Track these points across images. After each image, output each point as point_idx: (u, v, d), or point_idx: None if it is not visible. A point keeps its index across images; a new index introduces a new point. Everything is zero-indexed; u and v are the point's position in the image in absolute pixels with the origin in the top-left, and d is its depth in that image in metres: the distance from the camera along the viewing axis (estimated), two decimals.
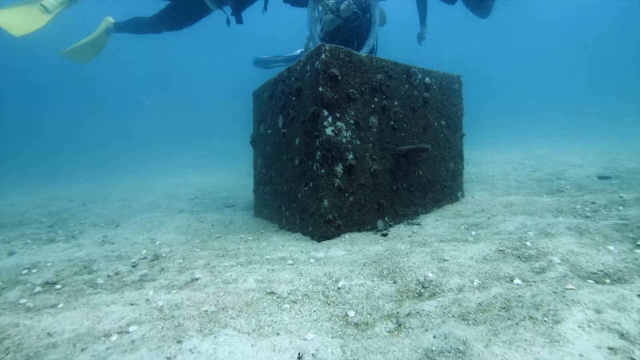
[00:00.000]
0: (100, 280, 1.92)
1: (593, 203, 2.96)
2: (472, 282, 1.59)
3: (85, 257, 2.37)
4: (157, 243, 2.71)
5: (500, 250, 1.95)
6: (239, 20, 4.69)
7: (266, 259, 2.19)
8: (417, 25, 5.97)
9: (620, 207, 2.73)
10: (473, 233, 2.47)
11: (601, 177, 4.22)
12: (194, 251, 2.47)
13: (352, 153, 2.86)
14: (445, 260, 1.84)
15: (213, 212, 4.28)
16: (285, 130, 3.32)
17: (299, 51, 5.19)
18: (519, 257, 1.84)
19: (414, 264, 1.82)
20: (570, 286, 1.41)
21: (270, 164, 3.67)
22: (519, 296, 1.39)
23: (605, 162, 5.65)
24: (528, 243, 1.98)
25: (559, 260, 1.72)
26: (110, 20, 5.06)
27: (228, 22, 4.77)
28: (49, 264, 2.25)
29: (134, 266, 2.16)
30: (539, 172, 5.23)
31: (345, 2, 4.44)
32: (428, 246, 2.20)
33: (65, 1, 4.44)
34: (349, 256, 2.09)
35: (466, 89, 3.79)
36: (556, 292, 1.37)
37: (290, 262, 2.06)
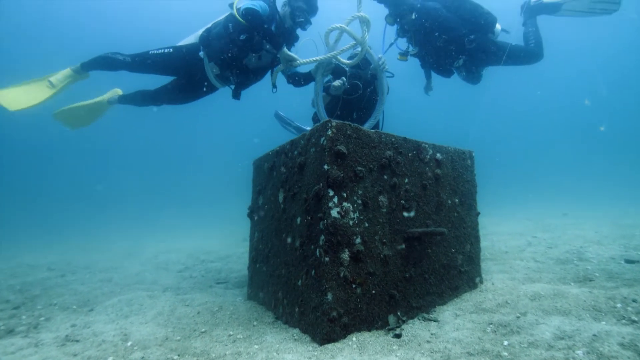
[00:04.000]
0: None
1: (634, 301, 2.58)
2: None
3: None
4: (129, 343, 2.28)
5: None
6: (237, 97, 4.73)
7: None
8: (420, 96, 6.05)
9: None
10: (505, 343, 2.07)
11: (628, 261, 3.88)
12: (171, 359, 2.04)
13: (359, 237, 2.55)
14: None
15: (202, 291, 3.84)
16: (285, 207, 3.05)
17: (308, 128, 5.15)
18: None
19: None
20: None
21: (267, 241, 3.34)
22: None
23: (624, 239, 5.32)
24: None
25: None
26: (118, 92, 5.07)
27: (234, 96, 4.82)
28: None
29: None
30: (556, 250, 4.88)
31: (338, 82, 4.44)
32: None
33: (70, 76, 4.35)
34: None
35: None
36: None
37: None
